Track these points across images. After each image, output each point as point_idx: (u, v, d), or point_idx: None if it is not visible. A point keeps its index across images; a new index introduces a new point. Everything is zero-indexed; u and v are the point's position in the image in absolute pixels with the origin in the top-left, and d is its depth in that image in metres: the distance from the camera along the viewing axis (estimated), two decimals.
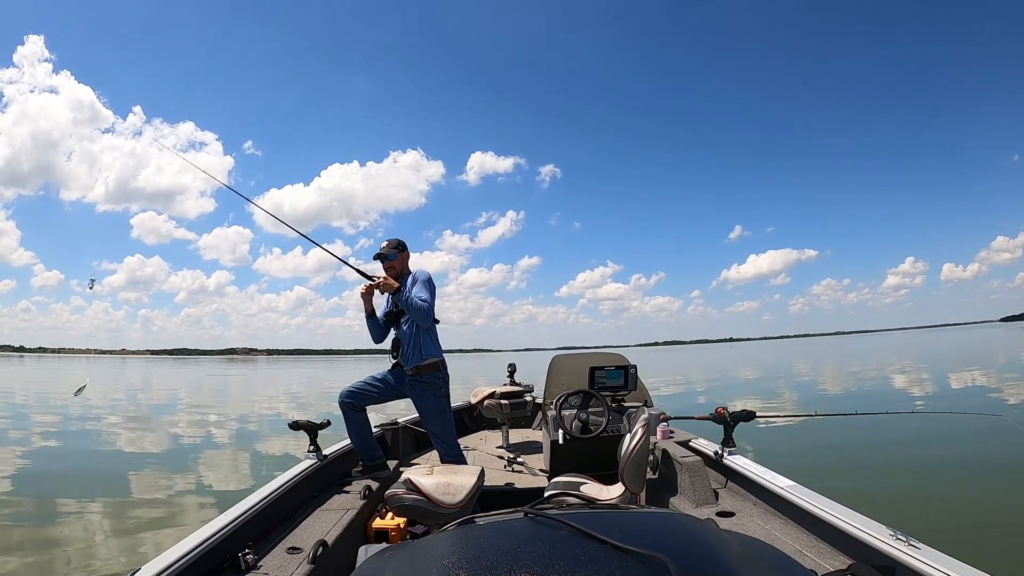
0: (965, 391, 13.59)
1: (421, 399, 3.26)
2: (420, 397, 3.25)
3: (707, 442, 3.13)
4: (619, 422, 3.21)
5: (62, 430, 11.52)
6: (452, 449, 3.26)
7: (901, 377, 18.68)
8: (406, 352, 3.22)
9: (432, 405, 3.24)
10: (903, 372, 20.94)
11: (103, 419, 13.22)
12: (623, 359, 3.60)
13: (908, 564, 1.55)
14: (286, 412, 14.78)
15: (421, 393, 3.24)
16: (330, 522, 2.40)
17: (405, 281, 3.25)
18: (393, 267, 3.29)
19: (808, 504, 2.08)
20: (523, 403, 4.73)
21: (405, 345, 3.24)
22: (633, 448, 2.42)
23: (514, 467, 3.88)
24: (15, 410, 15.85)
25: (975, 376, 17.06)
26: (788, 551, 1.78)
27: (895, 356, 33.60)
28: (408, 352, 3.22)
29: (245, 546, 1.96)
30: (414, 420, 4.30)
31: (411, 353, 3.22)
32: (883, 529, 1.74)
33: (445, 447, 3.25)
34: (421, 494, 2.21)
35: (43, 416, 13.88)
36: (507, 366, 5.51)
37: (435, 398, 3.24)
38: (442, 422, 3.25)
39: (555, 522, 0.90)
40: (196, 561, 1.71)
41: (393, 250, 3.30)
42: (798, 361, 35.78)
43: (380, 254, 3.29)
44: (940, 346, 47.44)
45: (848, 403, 12.24)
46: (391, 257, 3.29)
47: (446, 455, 3.24)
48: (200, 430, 11.53)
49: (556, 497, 2.49)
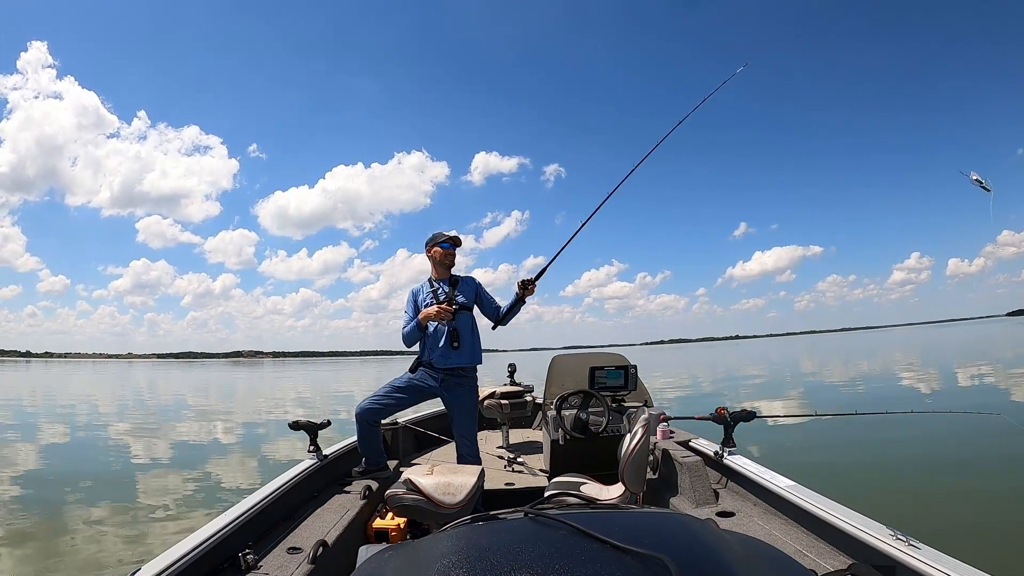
0: (970, 388, 13.49)
1: (459, 396, 3.24)
2: (458, 395, 3.23)
3: (707, 442, 3.12)
4: (619, 422, 3.21)
5: (69, 434, 11.57)
6: (474, 447, 3.26)
7: (907, 374, 18.59)
8: (463, 349, 3.22)
9: (468, 403, 3.26)
10: (909, 369, 20.82)
11: (109, 425, 13.27)
12: (623, 359, 3.60)
13: (908, 564, 1.55)
14: (293, 414, 14.81)
15: (460, 391, 3.23)
16: (330, 522, 2.40)
17: (457, 277, 3.35)
18: (453, 255, 3.36)
19: (808, 504, 2.08)
20: (523, 403, 4.73)
21: (464, 342, 3.23)
22: (633, 448, 2.42)
23: (514, 467, 3.88)
24: (23, 414, 15.89)
25: (981, 372, 16.99)
26: (788, 551, 1.78)
27: (901, 353, 33.55)
28: (464, 349, 3.22)
29: (245, 546, 1.96)
30: (414, 420, 4.30)
31: (470, 352, 3.25)
32: (883, 529, 1.73)
33: (469, 446, 3.25)
34: (421, 494, 2.21)
35: (50, 421, 13.93)
36: (507, 366, 5.51)
37: (471, 396, 3.28)
38: (472, 421, 3.27)
39: (555, 522, 0.90)
40: (196, 561, 1.71)
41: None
42: (803, 359, 35.69)
43: (457, 238, 3.36)
44: (946, 342, 47.20)
45: (852, 402, 12.20)
46: (458, 246, 3.38)
47: (469, 454, 3.23)
48: (206, 433, 11.58)
49: (556, 497, 2.48)
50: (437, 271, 3.38)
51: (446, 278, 3.36)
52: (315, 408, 16.43)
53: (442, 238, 3.34)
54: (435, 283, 3.35)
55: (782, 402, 13.37)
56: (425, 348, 3.25)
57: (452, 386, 3.22)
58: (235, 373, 54.62)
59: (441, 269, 3.36)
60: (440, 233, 3.37)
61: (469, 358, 3.25)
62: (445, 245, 3.32)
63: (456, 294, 3.28)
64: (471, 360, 3.27)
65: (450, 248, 3.33)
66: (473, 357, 3.28)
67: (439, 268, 3.37)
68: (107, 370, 74.18)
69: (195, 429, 12.28)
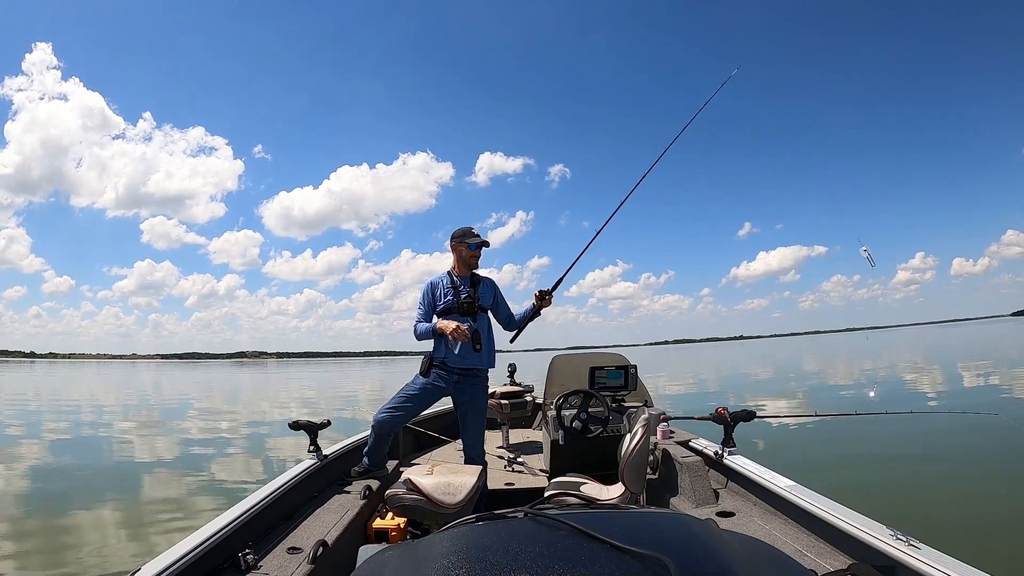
0: (973, 389, 13.45)
1: (473, 397, 3.22)
2: (472, 395, 3.21)
3: (707, 442, 3.11)
4: (619, 422, 3.21)
5: (73, 434, 11.60)
6: (481, 448, 3.26)
7: (910, 374, 18.53)
8: (484, 351, 3.20)
9: (482, 405, 3.25)
10: (914, 369, 20.76)
11: (113, 424, 13.30)
12: (623, 359, 3.60)
13: (908, 564, 1.54)
14: (297, 414, 14.83)
15: (474, 391, 3.21)
16: (330, 522, 2.40)
17: (478, 279, 3.28)
18: (478, 258, 3.28)
19: (808, 504, 2.07)
20: (523, 403, 4.73)
21: (484, 344, 3.21)
22: (633, 448, 2.42)
23: (514, 467, 3.88)
24: (27, 414, 15.92)
25: (984, 372, 16.91)
26: (788, 551, 1.78)
27: (906, 352, 33.50)
28: (485, 352, 3.21)
29: (245, 546, 1.96)
30: (415, 420, 4.30)
31: (488, 355, 3.23)
32: (883, 529, 1.73)
33: (478, 447, 3.24)
34: (421, 494, 2.21)
35: (54, 421, 13.94)
36: (507, 366, 5.52)
37: (484, 397, 3.27)
38: (482, 422, 3.27)
39: (555, 522, 0.90)
40: (196, 561, 1.71)
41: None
42: (807, 359, 35.64)
43: (486, 243, 3.26)
44: (950, 342, 47.06)
45: (854, 402, 12.19)
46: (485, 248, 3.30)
47: (478, 456, 3.21)
48: (210, 433, 11.60)
49: (556, 497, 2.48)
50: (460, 268, 3.29)
51: (467, 276, 3.29)
52: (319, 409, 16.43)
53: (473, 239, 3.22)
54: (457, 279, 3.26)
55: (785, 402, 13.36)
56: (443, 346, 3.16)
57: (467, 387, 3.19)
58: (239, 374, 54.64)
59: (463, 267, 3.29)
60: (471, 230, 3.26)
61: (488, 360, 3.24)
62: (474, 247, 3.23)
63: (478, 296, 3.23)
64: (489, 363, 3.25)
65: (478, 251, 3.25)
66: (491, 359, 3.26)
67: (462, 266, 3.28)
68: (111, 371, 74.26)
69: (198, 429, 12.31)
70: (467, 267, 3.29)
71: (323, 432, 3.03)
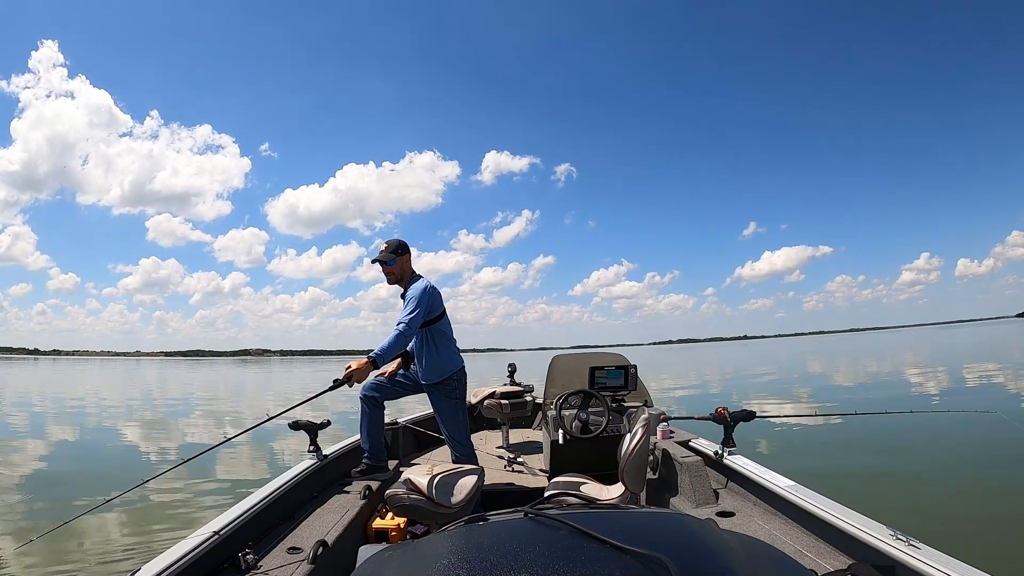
0: (975, 389, 13.40)
1: (435, 400, 3.24)
2: (435, 398, 3.24)
3: (707, 442, 3.11)
4: (619, 422, 3.21)
5: (76, 432, 11.62)
6: (465, 450, 3.23)
7: (913, 375, 18.47)
8: (421, 367, 3.20)
9: (446, 407, 3.21)
10: (918, 370, 20.69)
11: (117, 420, 13.28)
12: (623, 359, 3.60)
13: (908, 564, 1.54)
14: (302, 412, 14.78)
15: (435, 395, 3.23)
16: (330, 522, 2.40)
17: (407, 286, 3.09)
18: (392, 273, 3.11)
19: (808, 504, 2.07)
20: (523, 403, 4.72)
21: (417, 361, 3.20)
22: (633, 448, 2.42)
23: (514, 467, 3.87)
24: (31, 411, 15.92)
25: (987, 372, 16.87)
26: (788, 551, 1.78)
27: (909, 353, 33.41)
28: (423, 368, 3.18)
29: (245, 546, 1.96)
30: (414, 420, 4.30)
31: (426, 369, 3.17)
32: (883, 529, 1.73)
33: (459, 448, 3.22)
34: (421, 494, 2.21)
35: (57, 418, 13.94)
36: (507, 366, 5.51)
37: (448, 399, 3.21)
38: (455, 423, 3.21)
39: (555, 522, 0.90)
40: (196, 561, 1.71)
41: (391, 255, 3.09)
42: (812, 359, 35.54)
43: (378, 259, 3.09)
44: (954, 343, 46.88)
45: (855, 402, 12.17)
46: (390, 263, 3.08)
47: (460, 456, 3.21)
48: (215, 430, 11.60)
49: (556, 497, 2.48)
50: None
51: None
52: (321, 408, 16.40)
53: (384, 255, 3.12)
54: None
55: (788, 402, 13.34)
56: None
57: (431, 391, 3.24)
58: (243, 371, 54.60)
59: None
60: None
61: (428, 375, 3.19)
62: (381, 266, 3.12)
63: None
64: (429, 378, 3.18)
65: (382, 268, 3.12)
66: (431, 374, 3.17)
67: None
68: (114, 367, 74.23)
69: (201, 426, 12.30)
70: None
71: (323, 432, 3.03)
